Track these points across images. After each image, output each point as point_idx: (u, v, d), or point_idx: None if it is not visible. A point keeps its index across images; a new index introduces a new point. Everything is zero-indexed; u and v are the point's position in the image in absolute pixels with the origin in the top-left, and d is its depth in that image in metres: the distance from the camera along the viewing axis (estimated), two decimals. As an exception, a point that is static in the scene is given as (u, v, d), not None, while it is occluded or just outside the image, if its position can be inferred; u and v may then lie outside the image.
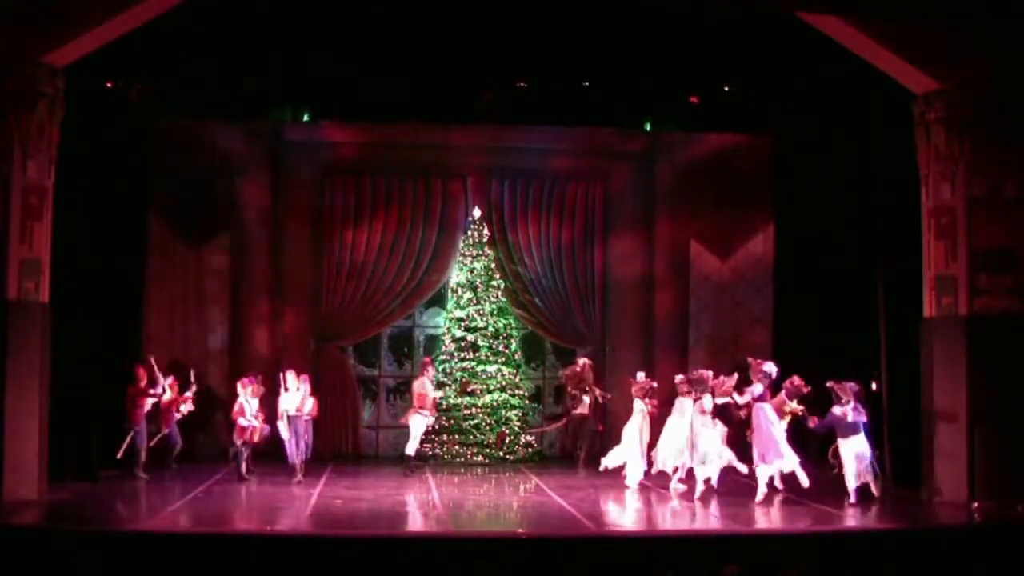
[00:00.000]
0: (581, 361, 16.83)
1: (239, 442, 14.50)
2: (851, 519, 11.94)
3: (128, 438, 14.53)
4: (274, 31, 13.77)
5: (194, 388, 15.70)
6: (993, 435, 12.82)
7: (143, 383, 14.72)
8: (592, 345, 18.29)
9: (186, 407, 15.58)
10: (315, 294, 17.88)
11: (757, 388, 13.08)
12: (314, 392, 15.05)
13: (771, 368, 13.30)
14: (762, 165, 17.74)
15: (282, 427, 14.32)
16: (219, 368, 17.16)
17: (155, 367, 15.02)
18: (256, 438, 14.47)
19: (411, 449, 15.44)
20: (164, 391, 15.11)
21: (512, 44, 14.17)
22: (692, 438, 13.38)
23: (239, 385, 14.86)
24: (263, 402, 14.96)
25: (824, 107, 15.19)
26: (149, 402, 14.77)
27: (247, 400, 14.56)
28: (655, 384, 14.83)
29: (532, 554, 10.30)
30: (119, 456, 14.51)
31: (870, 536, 11.20)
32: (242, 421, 14.43)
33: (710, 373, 13.78)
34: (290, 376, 14.47)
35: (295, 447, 14.23)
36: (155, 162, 16.39)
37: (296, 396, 14.36)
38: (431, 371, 15.87)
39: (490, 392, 17.16)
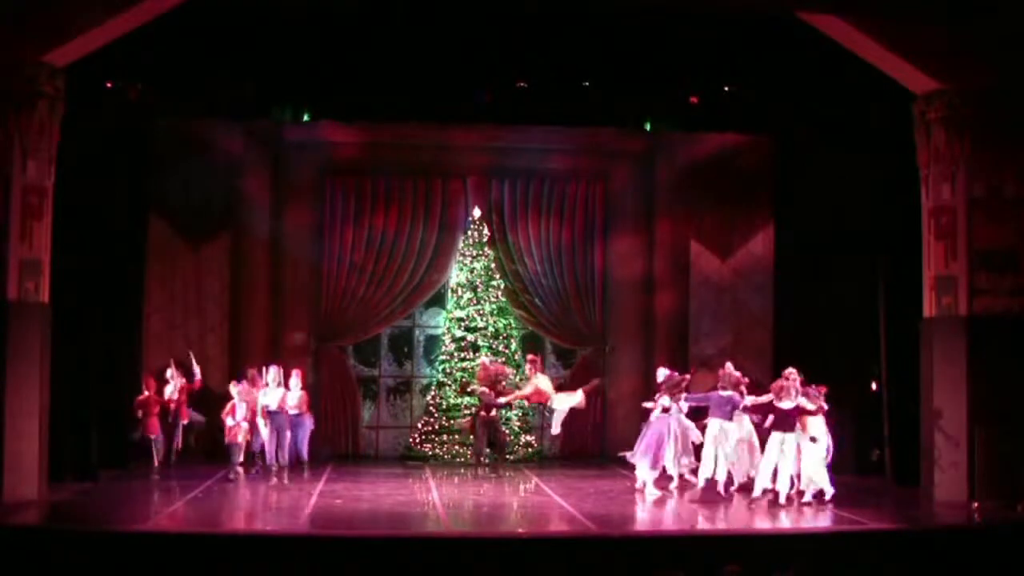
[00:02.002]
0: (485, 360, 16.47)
1: (226, 441, 14.52)
2: (852, 519, 11.92)
3: (155, 448, 14.59)
4: (274, 31, 13.76)
5: (197, 373, 15.53)
6: (993, 435, 12.84)
7: (149, 392, 14.72)
8: (592, 345, 18.30)
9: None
10: (315, 294, 17.89)
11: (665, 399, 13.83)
12: (306, 387, 14.89)
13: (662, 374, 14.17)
14: (762, 165, 17.73)
15: (261, 424, 14.22)
16: (219, 368, 17.14)
17: (193, 359, 15.31)
18: (240, 438, 14.45)
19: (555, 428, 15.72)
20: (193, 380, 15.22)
21: (512, 44, 14.16)
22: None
23: (231, 385, 14.91)
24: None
25: (824, 107, 15.16)
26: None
27: (240, 401, 14.58)
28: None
29: (532, 554, 10.31)
30: (157, 463, 14.63)
31: (870, 536, 11.19)
32: (229, 421, 14.46)
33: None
34: (272, 371, 14.45)
35: (274, 446, 14.17)
36: (155, 162, 16.37)
37: (276, 392, 14.30)
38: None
39: (490, 392, 17.13)
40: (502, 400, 15.70)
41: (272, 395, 14.32)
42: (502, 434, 16.09)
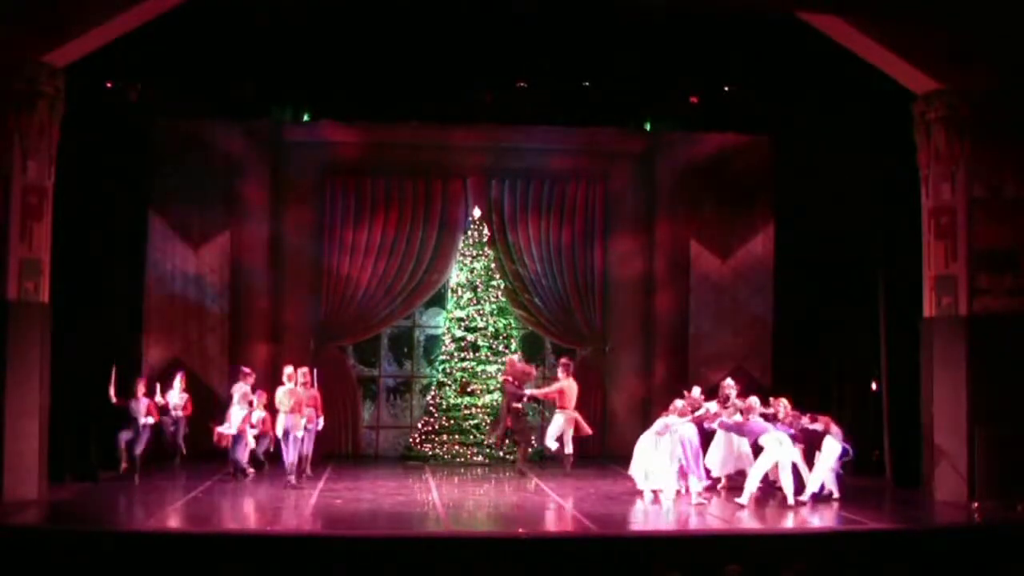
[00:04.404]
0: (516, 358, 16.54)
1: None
2: (852, 519, 11.93)
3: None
4: (274, 31, 13.76)
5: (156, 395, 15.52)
6: (993, 435, 12.84)
7: (141, 391, 14.79)
8: (592, 345, 18.30)
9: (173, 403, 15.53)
10: (315, 294, 17.89)
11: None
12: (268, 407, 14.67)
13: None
14: (762, 165, 17.73)
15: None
16: (219, 368, 17.16)
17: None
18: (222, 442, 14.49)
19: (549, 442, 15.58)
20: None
21: (512, 44, 14.16)
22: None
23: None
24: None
25: (824, 107, 15.18)
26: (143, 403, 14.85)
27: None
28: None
29: (532, 554, 10.31)
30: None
31: (870, 536, 11.20)
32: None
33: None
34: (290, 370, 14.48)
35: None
36: (155, 162, 16.40)
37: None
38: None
39: (490, 392, 17.14)
40: (528, 392, 15.82)
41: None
42: (527, 430, 16.15)
